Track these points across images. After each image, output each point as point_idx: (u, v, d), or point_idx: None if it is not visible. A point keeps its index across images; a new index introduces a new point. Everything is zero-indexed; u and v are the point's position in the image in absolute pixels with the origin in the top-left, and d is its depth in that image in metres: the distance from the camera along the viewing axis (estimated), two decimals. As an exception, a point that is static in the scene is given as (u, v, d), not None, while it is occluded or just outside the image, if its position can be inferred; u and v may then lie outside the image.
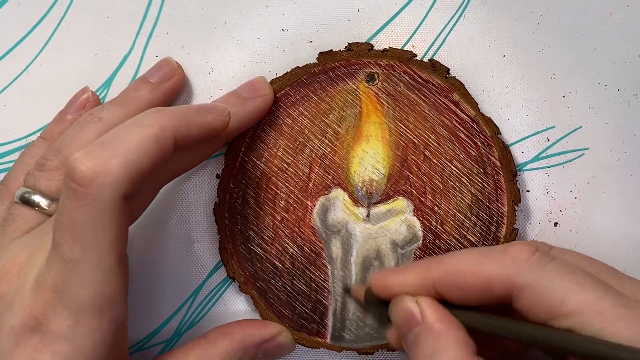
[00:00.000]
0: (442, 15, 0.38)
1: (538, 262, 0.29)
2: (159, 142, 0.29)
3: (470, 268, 0.30)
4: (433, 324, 0.29)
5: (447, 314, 0.30)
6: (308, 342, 0.37)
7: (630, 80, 0.38)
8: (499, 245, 0.31)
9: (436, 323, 0.29)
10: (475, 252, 0.31)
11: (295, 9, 0.39)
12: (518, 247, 0.30)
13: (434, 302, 0.30)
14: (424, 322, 0.30)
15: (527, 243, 0.30)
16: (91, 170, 0.27)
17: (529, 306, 0.28)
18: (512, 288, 0.29)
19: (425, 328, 0.29)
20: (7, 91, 0.39)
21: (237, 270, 0.37)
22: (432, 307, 0.30)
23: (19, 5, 0.39)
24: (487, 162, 0.37)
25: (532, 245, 0.30)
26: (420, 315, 0.30)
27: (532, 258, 0.29)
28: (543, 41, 0.38)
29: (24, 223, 0.33)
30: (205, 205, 0.39)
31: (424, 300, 0.30)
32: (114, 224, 0.28)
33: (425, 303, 0.30)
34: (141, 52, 0.39)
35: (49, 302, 0.29)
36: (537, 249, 0.29)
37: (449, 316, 0.30)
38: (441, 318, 0.30)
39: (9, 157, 0.39)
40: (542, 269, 0.28)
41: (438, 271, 0.30)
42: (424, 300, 0.30)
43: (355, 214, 0.37)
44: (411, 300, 0.31)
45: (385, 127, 0.37)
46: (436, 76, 0.37)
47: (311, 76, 0.37)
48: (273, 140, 0.37)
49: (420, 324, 0.30)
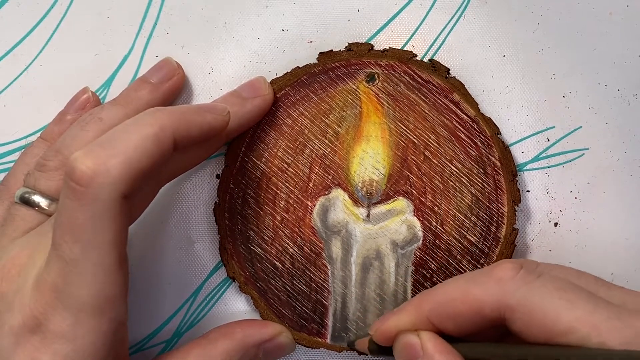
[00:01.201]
0: (442, 15, 0.38)
1: (524, 279, 0.29)
2: (158, 141, 0.29)
3: (459, 296, 0.30)
4: (433, 355, 0.30)
5: (446, 345, 0.30)
6: (308, 342, 0.37)
7: (630, 80, 0.38)
8: (484, 268, 0.31)
9: (436, 354, 0.30)
10: (461, 280, 0.31)
11: (295, 9, 0.39)
12: (502, 266, 0.30)
13: (434, 335, 0.31)
14: (425, 353, 0.30)
15: (512, 261, 0.30)
16: (91, 169, 0.27)
17: (524, 326, 0.28)
18: (504, 310, 0.29)
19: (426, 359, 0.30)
20: (7, 91, 0.39)
21: (237, 271, 0.37)
22: (432, 339, 0.30)
23: (19, 5, 0.39)
24: (487, 162, 0.37)
25: (516, 263, 0.30)
26: (421, 348, 0.30)
27: (517, 276, 0.29)
28: (543, 41, 0.38)
29: (24, 223, 0.33)
30: (205, 205, 0.39)
31: (424, 334, 0.31)
32: (113, 223, 0.28)
33: (425, 336, 0.31)
34: (141, 52, 0.39)
35: (49, 302, 0.29)
36: (522, 267, 0.29)
37: (447, 347, 0.30)
38: (440, 349, 0.30)
39: (9, 157, 0.39)
40: (530, 287, 0.29)
41: (429, 304, 0.31)
42: (424, 333, 0.31)
43: (356, 214, 0.37)
44: (412, 334, 0.31)
45: (385, 127, 0.37)
46: (436, 76, 0.37)
47: (311, 76, 0.37)
48: (273, 141, 0.37)
49: (421, 355, 0.30)
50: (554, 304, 0.28)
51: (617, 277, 0.38)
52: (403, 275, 0.37)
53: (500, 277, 0.29)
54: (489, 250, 0.37)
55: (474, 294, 0.29)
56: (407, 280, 0.37)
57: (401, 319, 0.32)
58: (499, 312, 0.29)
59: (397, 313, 0.32)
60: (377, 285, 0.37)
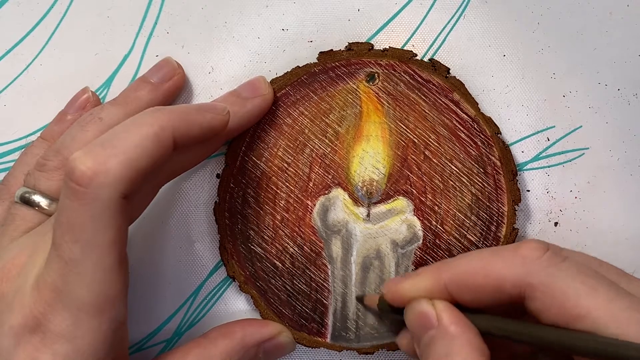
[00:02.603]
0: (442, 15, 0.38)
1: (549, 261, 0.29)
2: (158, 141, 0.29)
3: (481, 269, 0.30)
4: (448, 327, 0.29)
5: (462, 317, 0.30)
6: (308, 342, 0.37)
7: (630, 79, 0.38)
8: (509, 245, 0.31)
9: (451, 325, 0.29)
10: (486, 253, 0.31)
11: (296, 9, 0.39)
12: (529, 245, 0.29)
13: (450, 305, 0.30)
14: (440, 324, 0.30)
15: (538, 242, 0.30)
16: (91, 169, 0.27)
17: (542, 306, 0.28)
18: (525, 287, 0.29)
19: (441, 330, 0.30)
20: (7, 91, 0.39)
21: (237, 270, 0.37)
22: (447, 309, 0.30)
23: (19, 5, 0.39)
24: (487, 161, 0.37)
25: (543, 244, 0.30)
26: (436, 318, 0.30)
27: (544, 257, 0.29)
28: (543, 41, 0.38)
29: (24, 223, 0.33)
30: (206, 205, 0.39)
31: (439, 303, 0.30)
32: (113, 223, 0.28)
33: (441, 306, 0.30)
34: (141, 52, 0.39)
35: (49, 302, 0.29)
36: (549, 248, 0.29)
37: (464, 319, 0.30)
38: (456, 321, 0.30)
39: (9, 157, 0.39)
40: (555, 268, 0.28)
41: (449, 273, 0.30)
42: (439, 303, 0.30)
43: (356, 214, 0.37)
44: (427, 303, 0.31)
45: (385, 126, 0.37)
46: (436, 76, 0.37)
47: (311, 76, 0.37)
48: (273, 140, 0.37)
49: (436, 326, 0.30)
50: (575, 288, 0.28)
51: (617, 276, 0.38)
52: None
53: (526, 256, 0.29)
54: (489, 249, 0.37)
55: (497, 268, 0.29)
56: (407, 280, 0.37)
57: (417, 283, 0.31)
58: (519, 289, 0.29)
59: (413, 277, 0.32)
60: (378, 284, 0.37)
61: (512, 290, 0.29)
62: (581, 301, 0.27)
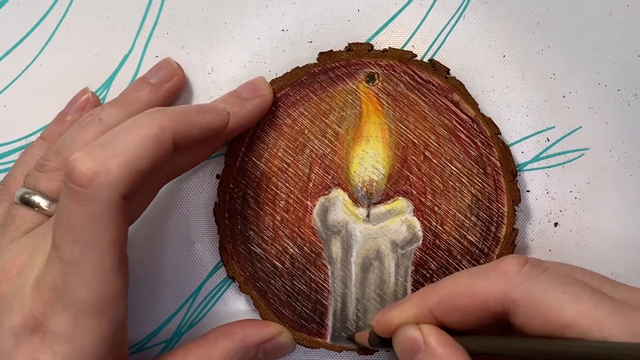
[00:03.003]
0: (442, 15, 0.38)
1: (529, 274, 0.29)
2: (158, 142, 0.29)
3: (464, 289, 0.30)
4: (435, 349, 0.30)
5: (449, 338, 0.30)
6: (308, 342, 0.37)
7: (630, 80, 0.38)
8: (489, 263, 0.31)
9: (438, 347, 0.30)
10: (466, 273, 0.31)
11: (295, 9, 0.39)
12: (508, 261, 0.30)
13: (436, 328, 0.31)
14: (427, 347, 0.30)
15: (517, 256, 0.30)
16: (90, 170, 0.27)
17: (527, 320, 0.28)
18: (508, 303, 0.29)
19: (429, 353, 0.30)
20: (7, 91, 0.39)
21: (237, 271, 0.37)
22: (434, 332, 0.30)
23: (19, 5, 0.39)
24: (487, 162, 0.37)
25: (522, 258, 0.30)
26: (423, 341, 0.30)
27: (523, 270, 0.29)
28: (543, 41, 0.38)
29: (24, 223, 0.33)
30: (205, 205, 0.39)
31: (426, 327, 0.31)
32: (113, 224, 0.28)
33: (427, 329, 0.31)
34: (141, 53, 0.39)
35: (49, 302, 0.29)
36: (527, 262, 0.29)
37: (450, 340, 0.30)
38: (443, 342, 0.30)
39: (9, 157, 0.39)
40: (535, 281, 0.29)
41: (434, 298, 0.31)
42: (425, 326, 0.31)
43: (355, 214, 0.37)
44: (413, 327, 0.31)
45: (385, 127, 0.37)
46: (436, 76, 0.37)
47: (311, 76, 0.37)
48: (273, 141, 0.37)
49: (423, 349, 0.30)
50: (558, 298, 0.28)
51: (617, 277, 0.38)
52: (403, 275, 0.37)
53: (506, 271, 0.29)
54: (489, 250, 0.37)
55: (479, 287, 0.29)
56: (407, 280, 0.37)
57: (403, 311, 0.32)
58: (502, 305, 0.29)
59: (400, 305, 0.32)
60: (377, 285, 0.37)
61: (495, 307, 0.29)
62: (565, 310, 0.27)
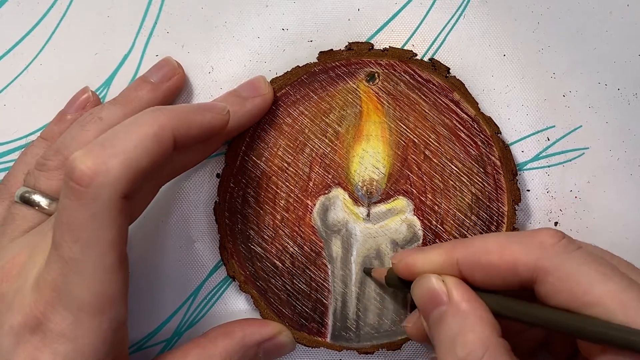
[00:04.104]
0: (442, 14, 0.38)
1: (565, 248, 0.29)
2: (158, 141, 0.29)
3: (496, 249, 0.30)
4: (460, 303, 0.29)
5: (473, 294, 0.30)
6: (308, 342, 0.37)
7: (630, 79, 0.38)
8: (526, 230, 0.31)
9: (463, 302, 0.29)
10: (502, 235, 0.31)
11: (296, 8, 0.39)
12: (545, 232, 0.30)
13: (460, 282, 0.30)
14: (451, 301, 0.30)
15: (554, 229, 0.30)
16: (91, 169, 0.27)
17: (553, 291, 0.28)
18: (537, 271, 0.29)
19: (452, 307, 0.29)
20: (7, 91, 0.39)
21: (237, 270, 0.37)
22: (459, 286, 0.30)
23: (19, 4, 0.39)
24: (488, 161, 0.37)
25: (559, 232, 0.30)
26: (447, 294, 0.30)
27: (560, 243, 0.29)
28: (543, 41, 0.38)
29: (24, 222, 0.33)
30: (205, 204, 0.39)
31: (450, 280, 0.30)
32: (113, 223, 0.28)
33: (451, 282, 0.30)
34: (141, 52, 0.39)
35: (49, 302, 0.29)
36: (564, 236, 0.29)
37: (475, 296, 0.30)
38: (468, 297, 0.29)
39: (9, 156, 0.39)
40: (569, 255, 0.28)
41: (463, 251, 0.30)
42: (450, 279, 0.30)
43: (356, 214, 0.37)
44: (437, 279, 0.30)
45: (385, 126, 0.37)
46: (436, 75, 0.37)
47: (311, 75, 0.37)
48: (273, 140, 0.37)
49: (446, 302, 0.30)
50: (589, 275, 0.28)
51: (617, 276, 0.38)
52: (403, 275, 0.37)
53: (542, 241, 0.29)
54: (489, 249, 0.37)
55: (512, 250, 0.29)
56: (407, 280, 0.37)
57: (428, 258, 0.31)
58: (532, 272, 0.29)
59: (425, 251, 0.32)
60: (377, 285, 0.37)
61: (524, 272, 0.29)
62: (593, 288, 0.27)
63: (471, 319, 0.29)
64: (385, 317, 0.37)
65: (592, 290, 0.27)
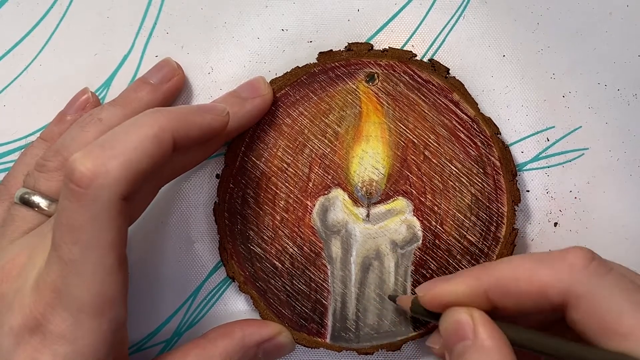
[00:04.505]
0: (442, 15, 0.38)
1: (596, 271, 0.28)
2: (158, 142, 0.29)
3: (524, 275, 0.29)
4: (485, 340, 0.29)
5: (498, 331, 0.30)
6: (308, 342, 0.37)
7: (630, 80, 0.38)
8: (555, 251, 0.31)
9: (488, 340, 0.29)
10: (528, 258, 0.30)
11: (295, 9, 0.39)
12: (575, 253, 0.29)
13: (487, 318, 0.30)
14: (477, 336, 0.29)
15: (584, 250, 0.30)
16: (90, 171, 0.27)
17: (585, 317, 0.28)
18: (569, 296, 0.28)
19: (477, 343, 0.29)
20: (7, 91, 0.39)
21: (236, 270, 0.37)
22: (485, 323, 0.30)
23: (19, 5, 0.39)
24: (487, 162, 0.37)
25: (590, 252, 0.29)
26: (473, 330, 0.30)
27: (591, 266, 0.29)
28: (543, 41, 0.38)
29: (23, 224, 0.33)
30: (205, 205, 0.39)
31: (477, 315, 0.30)
32: (113, 224, 0.28)
33: (479, 318, 0.30)
34: (141, 52, 0.39)
35: (49, 303, 0.29)
36: (594, 257, 0.29)
37: (500, 333, 0.29)
38: (493, 335, 0.29)
39: (9, 157, 0.39)
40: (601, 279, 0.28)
41: (490, 279, 0.30)
42: (477, 314, 0.30)
43: (355, 214, 0.37)
44: (466, 313, 0.30)
45: (385, 127, 0.37)
46: (436, 76, 0.37)
47: (311, 76, 0.37)
48: (273, 140, 0.37)
49: (470, 337, 0.30)
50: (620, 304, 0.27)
51: (616, 277, 0.38)
52: (403, 275, 0.37)
53: (572, 264, 0.29)
54: (489, 250, 0.37)
55: (541, 275, 0.29)
56: (406, 280, 0.37)
57: (456, 288, 0.31)
58: (564, 297, 0.28)
59: (451, 281, 0.31)
60: (377, 285, 0.37)
61: (556, 298, 0.29)
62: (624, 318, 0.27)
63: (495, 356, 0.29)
64: (384, 318, 0.37)
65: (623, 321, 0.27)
